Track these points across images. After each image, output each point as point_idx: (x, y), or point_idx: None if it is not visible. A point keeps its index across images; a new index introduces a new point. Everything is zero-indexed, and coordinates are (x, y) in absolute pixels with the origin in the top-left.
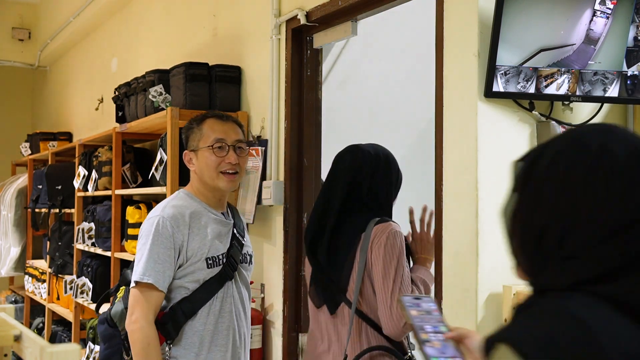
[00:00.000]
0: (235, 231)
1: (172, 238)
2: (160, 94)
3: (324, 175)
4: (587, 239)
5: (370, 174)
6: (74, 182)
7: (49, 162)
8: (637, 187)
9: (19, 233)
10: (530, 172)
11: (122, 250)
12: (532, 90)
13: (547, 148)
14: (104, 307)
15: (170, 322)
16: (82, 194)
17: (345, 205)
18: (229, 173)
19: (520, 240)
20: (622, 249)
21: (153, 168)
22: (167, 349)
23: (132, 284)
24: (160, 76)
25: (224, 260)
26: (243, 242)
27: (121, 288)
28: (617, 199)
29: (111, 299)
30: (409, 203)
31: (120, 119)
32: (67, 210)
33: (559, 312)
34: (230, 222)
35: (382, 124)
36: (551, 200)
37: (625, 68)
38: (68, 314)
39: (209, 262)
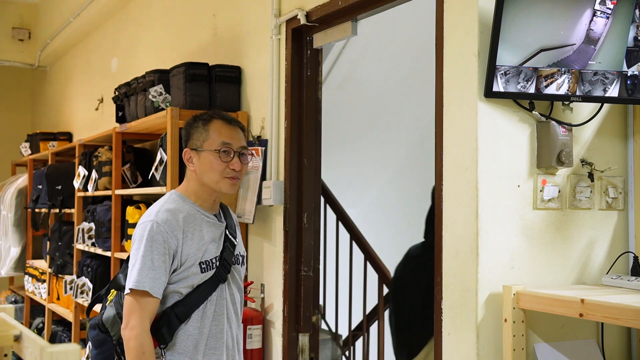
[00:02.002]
0: (227, 232)
1: (165, 244)
2: (160, 94)
3: (324, 175)
4: None
5: None
6: (74, 182)
7: (49, 162)
8: None
9: (19, 233)
10: None
11: (122, 250)
12: (532, 90)
13: None
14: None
15: (165, 326)
16: (82, 194)
17: None
18: (231, 177)
19: None
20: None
21: (153, 168)
22: (161, 354)
23: (127, 291)
24: (160, 76)
25: (217, 263)
26: (235, 243)
27: (112, 291)
28: None
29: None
30: (409, 203)
31: (120, 119)
32: (67, 210)
33: None
34: (222, 224)
35: (382, 124)
36: None
37: (625, 68)
38: (68, 314)
39: (203, 266)
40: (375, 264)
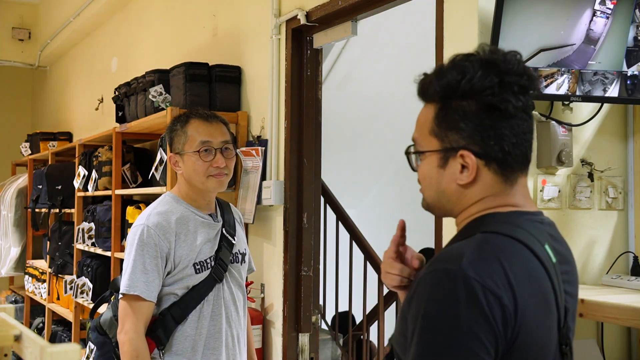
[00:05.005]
0: (224, 231)
1: (157, 247)
2: (160, 94)
3: (324, 175)
4: None
5: None
6: (74, 182)
7: (49, 162)
8: None
9: (19, 233)
10: None
11: (122, 250)
12: None
13: None
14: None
15: (161, 328)
16: (82, 194)
17: None
18: (216, 175)
19: None
20: None
21: (153, 168)
22: (159, 356)
23: (120, 295)
24: (160, 76)
25: (212, 263)
26: (233, 241)
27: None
28: None
29: (106, 304)
30: (409, 203)
31: (120, 119)
32: (67, 210)
33: None
34: (218, 223)
35: (382, 123)
36: None
37: (625, 68)
38: (68, 314)
39: (197, 267)
40: (375, 264)
